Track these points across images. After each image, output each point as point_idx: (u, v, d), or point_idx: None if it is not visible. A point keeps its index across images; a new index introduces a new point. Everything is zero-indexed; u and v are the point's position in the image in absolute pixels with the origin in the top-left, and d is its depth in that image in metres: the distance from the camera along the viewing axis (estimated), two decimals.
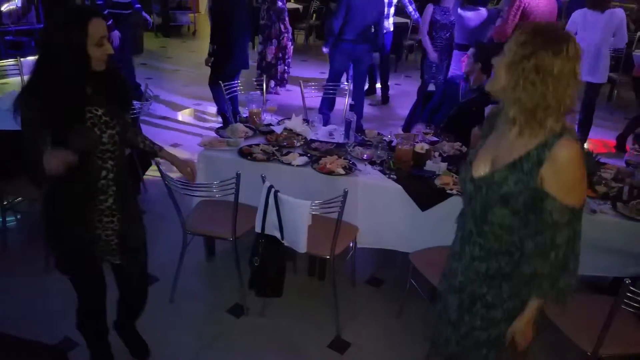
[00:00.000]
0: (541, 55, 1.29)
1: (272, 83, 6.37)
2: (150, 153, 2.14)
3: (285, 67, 6.44)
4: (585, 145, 4.89)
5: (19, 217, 3.47)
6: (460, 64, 4.22)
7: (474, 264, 1.55)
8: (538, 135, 1.36)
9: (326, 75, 5.14)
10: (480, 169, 1.49)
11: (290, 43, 6.33)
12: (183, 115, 5.68)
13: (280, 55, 6.32)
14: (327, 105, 5.04)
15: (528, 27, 1.35)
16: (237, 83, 4.35)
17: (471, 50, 3.36)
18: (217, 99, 4.96)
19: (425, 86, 5.07)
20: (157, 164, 2.45)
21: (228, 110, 4.26)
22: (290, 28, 6.32)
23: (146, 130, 3.96)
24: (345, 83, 4.29)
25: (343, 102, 4.29)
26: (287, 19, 6.20)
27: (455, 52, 4.57)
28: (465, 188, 1.56)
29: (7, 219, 3.22)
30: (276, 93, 6.39)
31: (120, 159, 1.86)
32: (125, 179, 1.92)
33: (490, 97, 3.32)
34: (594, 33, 4.63)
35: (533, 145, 1.37)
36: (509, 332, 1.54)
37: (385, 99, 6.38)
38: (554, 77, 1.29)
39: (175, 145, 4.88)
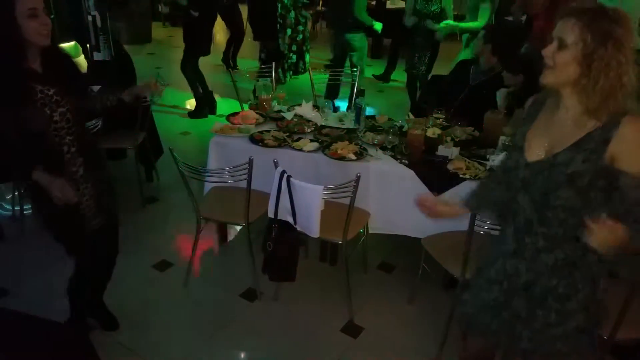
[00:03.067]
0: (617, 37, 1.25)
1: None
2: (119, 104, 2.10)
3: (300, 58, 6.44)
4: None
5: None
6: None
7: (541, 257, 1.46)
8: (599, 117, 1.33)
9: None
10: (535, 153, 1.44)
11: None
12: (192, 104, 5.69)
13: (295, 47, 6.29)
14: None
15: (580, 12, 1.29)
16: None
17: (480, 32, 3.32)
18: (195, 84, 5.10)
19: (411, 78, 4.95)
20: (171, 151, 2.46)
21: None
22: (306, 15, 6.31)
23: (157, 118, 3.98)
24: (354, 69, 4.25)
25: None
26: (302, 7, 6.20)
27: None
28: (515, 175, 1.48)
29: (24, 206, 3.26)
30: (282, 82, 6.39)
31: (79, 133, 1.94)
32: (91, 149, 2.02)
33: (502, 80, 3.24)
34: None
35: (592, 127, 1.34)
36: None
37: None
38: (628, 56, 1.27)
39: (185, 133, 4.90)
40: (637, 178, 1.31)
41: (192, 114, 5.30)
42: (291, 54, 6.37)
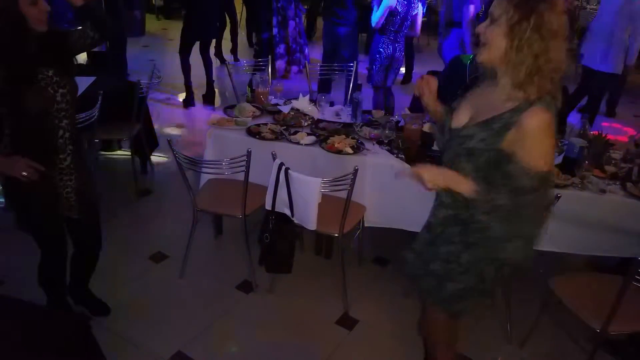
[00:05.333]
0: (540, 12, 1.28)
1: (294, 68, 6.40)
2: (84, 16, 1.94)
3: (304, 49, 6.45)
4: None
5: None
6: (457, 43, 4.18)
7: (442, 209, 1.63)
8: (518, 99, 1.36)
9: None
10: (457, 120, 1.52)
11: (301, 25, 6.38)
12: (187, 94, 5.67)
13: (292, 38, 6.30)
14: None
15: None
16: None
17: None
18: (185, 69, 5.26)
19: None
20: (169, 142, 2.45)
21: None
22: (304, 9, 6.33)
23: (153, 110, 3.95)
24: (351, 63, 4.24)
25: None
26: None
27: (455, 30, 4.48)
28: (443, 138, 1.60)
29: None
30: (285, 77, 6.38)
31: (73, 118, 1.96)
32: (79, 137, 2.02)
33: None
34: (609, 15, 4.32)
35: (508, 108, 1.37)
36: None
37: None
38: (553, 32, 1.29)
39: (180, 125, 4.88)
40: (527, 168, 1.35)
41: (184, 102, 5.35)
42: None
